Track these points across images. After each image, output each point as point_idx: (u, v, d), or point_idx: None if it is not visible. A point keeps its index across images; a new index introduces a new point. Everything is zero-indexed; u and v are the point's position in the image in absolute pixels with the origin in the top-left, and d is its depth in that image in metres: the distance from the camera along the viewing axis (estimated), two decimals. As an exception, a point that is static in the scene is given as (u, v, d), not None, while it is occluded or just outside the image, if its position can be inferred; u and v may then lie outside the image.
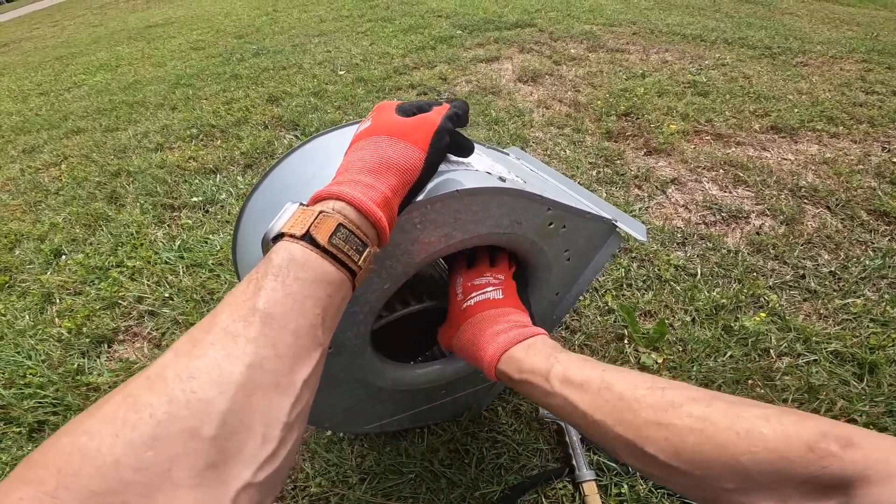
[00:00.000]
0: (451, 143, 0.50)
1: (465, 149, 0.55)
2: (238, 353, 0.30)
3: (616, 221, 0.74)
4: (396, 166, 0.43)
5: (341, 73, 2.75)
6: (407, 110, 0.48)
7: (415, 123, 0.46)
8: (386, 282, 0.56)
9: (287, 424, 0.31)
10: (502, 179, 0.60)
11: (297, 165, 0.67)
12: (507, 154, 0.90)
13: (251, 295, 0.33)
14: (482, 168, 0.61)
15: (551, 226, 0.66)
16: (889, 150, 1.70)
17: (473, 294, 0.62)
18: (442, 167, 0.57)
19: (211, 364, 0.29)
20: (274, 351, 0.31)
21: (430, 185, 0.53)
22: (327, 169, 0.55)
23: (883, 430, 0.87)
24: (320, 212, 0.38)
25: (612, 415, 0.41)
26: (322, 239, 0.36)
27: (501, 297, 0.62)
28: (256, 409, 0.30)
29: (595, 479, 0.83)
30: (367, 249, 0.39)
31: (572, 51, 2.82)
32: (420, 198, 0.51)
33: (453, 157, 0.61)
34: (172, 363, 0.29)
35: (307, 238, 0.36)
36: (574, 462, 0.85)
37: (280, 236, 0.37)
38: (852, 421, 0.89)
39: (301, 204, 0.40)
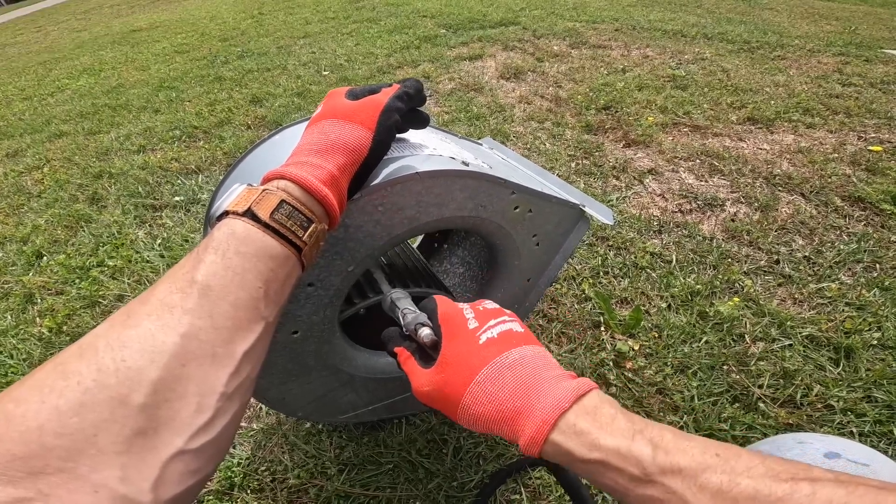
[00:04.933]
0: (404, 119, 0.51)
1: (422, 121, 0.56)
2: (173, 324, 0.30)
3: (583, 206, 0.75)
4: (343, 146, 0.44)
5: (325, 73, 2.75)
6: (357, 94, 0.49)
7: (361, 105, 0.47)
8: (350, 264, 0.57)
9: (225, 395, 0.31)
10: (465, 164, 0.61)
11: (266, 153, 0.67)
12: (481, 144, 0.91)
13: (190, 268, 0.33)
14: (447, 154, 0.62)
15: (517, 210, 0.67)
16: (865, 139, 1.72)
17: (492, 322, 0.44)
18: (406, 152, 0.58)
19: (144, 334, 0.29)
20: (211, 322, 0.32)
21: (391, 168, 0.54)
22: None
23: (861, 416, 0.87)
24: (263, 189, 0.39)
25: None
26: (263, 214, 0.37)
27: (523, 330, 0.45)
28: (191, 379, 0.30)
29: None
30: (313, 226, 0.40)
31: (555, 48, 2.84)
32: (381, 180, 0.52)
33: (417, 142, 0.61)
34: (105, 333, 0.30)
35: (249, 214, 0.37)
36: None
37: (225, 215, 0.38)
38: (829, 407, 0.90)
39: (249, 185, 0.40)
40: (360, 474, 0.85)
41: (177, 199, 1.65)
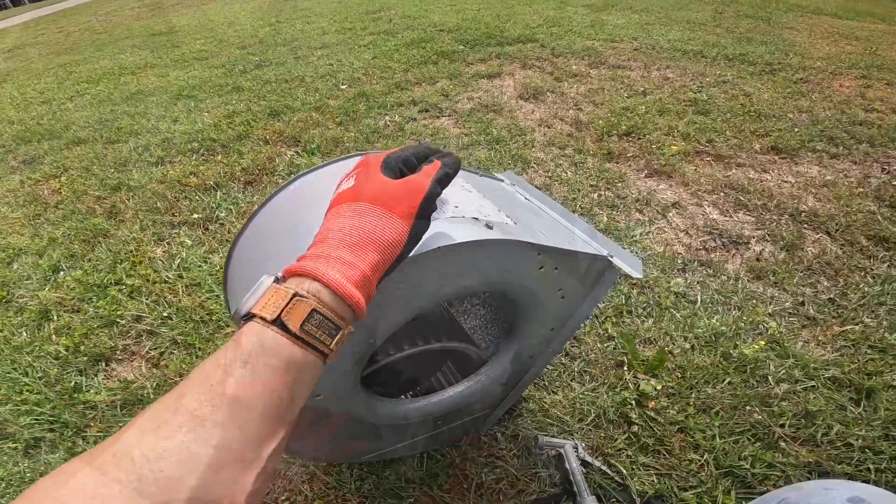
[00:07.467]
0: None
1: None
2: (206, 437, 0.32)
3: (611, 257, 0.73)
4: (378, 241, 0.41)
5: (343, 87, 2.76)
6: (392, 167, 0.46)
7: (401, 190, 0.44)
8: (371, 337, 0.56)
9: (252, 492, 0.33)
10: (489, 227, 0.58)
11: (282, 208, 0.66)
12: (502, 180, 0.90)
13: (219, 380, 0.34)
14: (470, 212, 0.59)
15: (542, 269, 0.65)
16: (888, 172, 1.70)
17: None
18: None
19: (179, 446, 0.31)
20: (241, 433, 0.33)
21: None
22: (312, 213, 0.54)
23: (879, 453, 0.89)
24: (294, 294, 0.37)
25: None
26: (294, 325, 0.36)
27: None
28: (223, 483, 0.32)
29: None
30: (342, 332, 0.39)
31: (574, 67, 2.83)
32: None
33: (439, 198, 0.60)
34: (138, 442, 0.31)
35: (278, 324, 0.36)
36: (575, 488, 0.84)
37: (252, 315, 0.37)
38: (848, 445, 0.91)
39: (276, 278, 0.39)
40: (379, 509, 0.85)
41: (195, 216, 1.65)
